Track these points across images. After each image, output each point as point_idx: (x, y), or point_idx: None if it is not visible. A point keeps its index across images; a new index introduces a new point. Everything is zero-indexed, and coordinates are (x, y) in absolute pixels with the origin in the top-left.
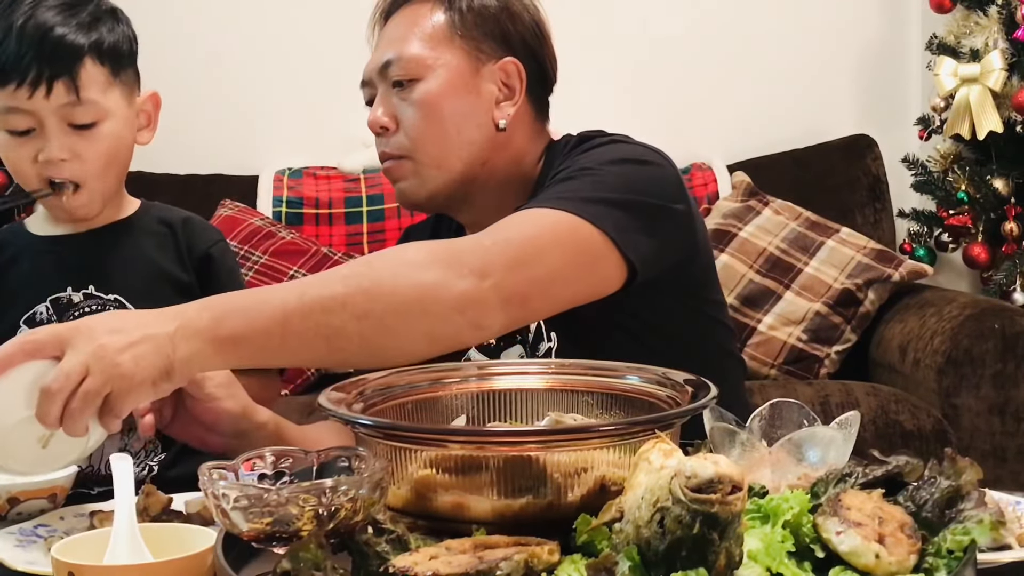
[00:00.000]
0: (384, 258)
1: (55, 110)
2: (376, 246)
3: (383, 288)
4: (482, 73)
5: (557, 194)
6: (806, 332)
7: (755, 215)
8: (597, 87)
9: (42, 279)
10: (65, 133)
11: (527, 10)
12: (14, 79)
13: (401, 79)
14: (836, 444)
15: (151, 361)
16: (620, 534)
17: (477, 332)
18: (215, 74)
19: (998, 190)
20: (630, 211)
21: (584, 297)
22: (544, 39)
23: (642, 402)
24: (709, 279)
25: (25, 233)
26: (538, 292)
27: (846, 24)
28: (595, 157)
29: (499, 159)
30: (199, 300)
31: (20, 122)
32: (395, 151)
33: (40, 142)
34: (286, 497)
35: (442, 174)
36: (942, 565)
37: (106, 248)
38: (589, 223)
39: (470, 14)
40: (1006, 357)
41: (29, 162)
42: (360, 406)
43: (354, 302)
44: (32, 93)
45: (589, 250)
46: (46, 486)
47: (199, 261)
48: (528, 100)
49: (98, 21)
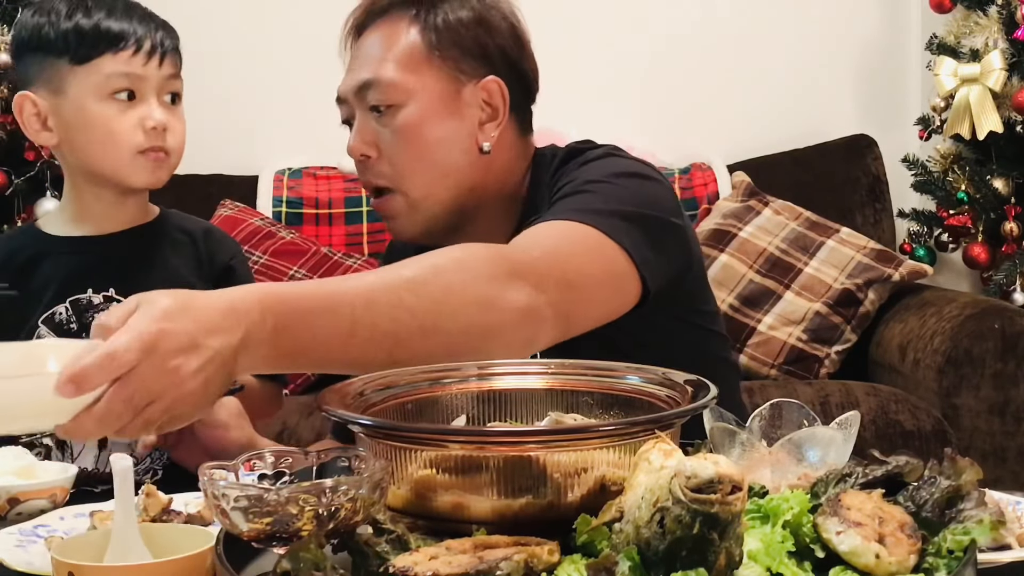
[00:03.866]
0: (447, 259)
1: (161, 80)
2: (376, 246)
3: (452, 297)
4: (463, 95)
5: (572, 207)
6: (806, 332)
7: (755, 215)
8: (598, 87)
9: (63, 280)
10: (162, 104)
11: (505, 19)
12: (132, 46)
13: (379, 104)
14: (836, 444)
15: (218, 383)
16: (620, 534)
17: (528, 348)
18: (215, 74)
19: (998, 190)
20: (641, 225)
21: (609, 316)
22: (524, 47)
23: (642, 402)
24: (702, 291)
25: (41, 234)
26: (580, 311)
27: (846, 24)
28: (598, 170)
29: (486, 181)
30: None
31: (125, 87)
32: (379, 180)
33: (143, 110)
34: (286, 497)
35: (431, 204)
36: (942, 565)
37: (127, 252)
38: (611, 239)
39: (447, 31)
40: (1006, 357)
41: (133, 128)
42: (360, 406)
43: (423, 314)
44: (148, 60)
45: (616, 268)
46: (46, 486)
47: (220, 272)
48: (511, 117)
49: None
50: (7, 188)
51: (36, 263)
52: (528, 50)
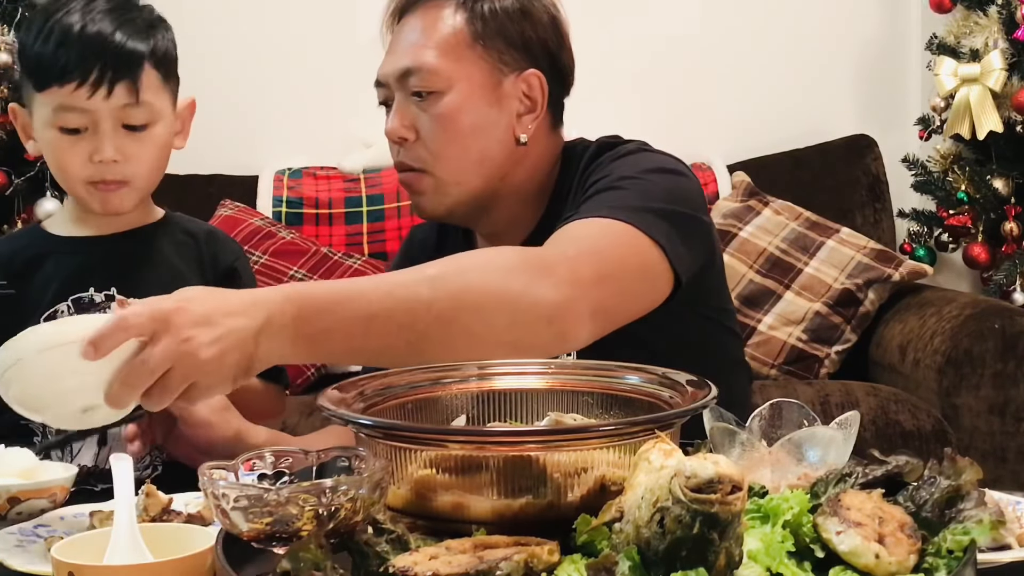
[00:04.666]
0: (474, 260)
1: (112, 111)
2: (376, 246)
3: (471, 294)
4: (504, 86)
5: (606, 203)
6: (806, 332)
7: (755, 215)
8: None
9: (65, 279)
10: (119, 134)
11: (547, 11)
12: (76, 78)
13: (421, 90)
14: (836, 444)
15: (234, 359)
16: (620, 534)
17: (563, 344)
18: (215, 74)
19: (998, 190)
20: (673, 221)
21: (645, 309)
22: (563, 40)
23: (642, 402)
24: (722, 288)
25: (45, 234)
26: (618, 305)
27: (846, 24)
28: (630, 166)
29: (518, 171)
30: (282, 289)
31: (74, 120)
32: (414, 163)
33: (93, 143)
34: (286, 497)
35: (461, 190)
36: (942, 565)
37: (130, 252)
38: (645, 234)
39: (492, 20)
40: (1006, 357)
41: (81, 162)
42: (360, 406)
43: (440, 307)
44: (93, 93)
45: (650, 262)
46: (46, 486)
47: (223, 274)
48: (547, 111)
49: (152, 28)
50: (7, 188)
51: (39, 262)
52: (567, 43)
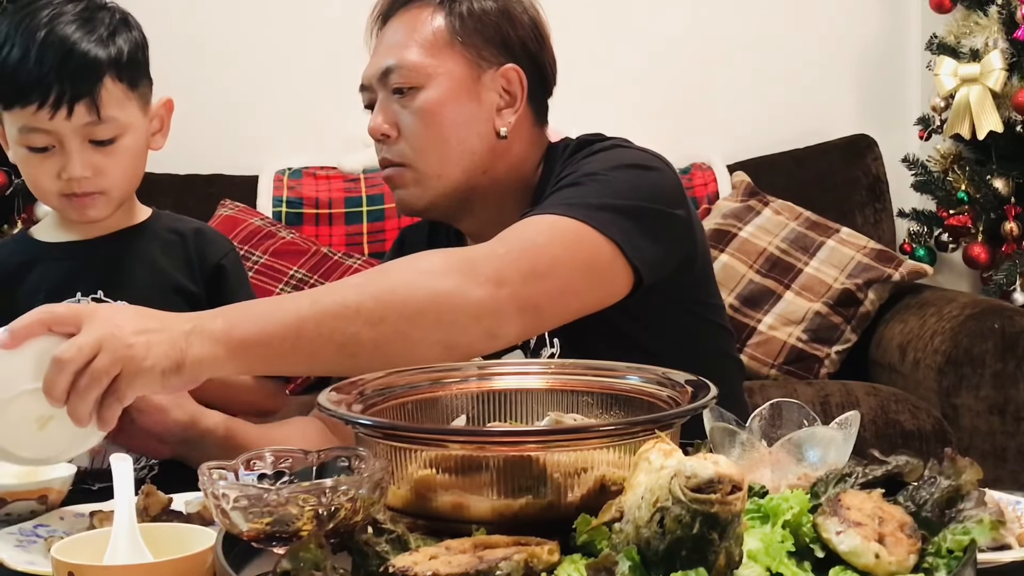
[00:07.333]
0: (398, 266)
1: (76, 129)
2: (376, 246)
3: (397, 295)
4: (483, 80)
5: (564, 200)
6: (806, 332)
7: (755, 215)
8: (598, 87)
9: (53, 285)
10: (86, 150)
11: (527, 12)
12: (35, 100)
13: (402, 87)
14: (836, 444)
15: (163, 351)
16: (620, 534)
17: (492, 341)
18: (215, 74)
19: (998, 190)
20: (636, 218)
21: (594, 306)
22: (544, 42)
23: (642, 402)
24: (708, 283)
25: (32, 241)
26: (552, 302)
27: (846, 24)
28: (599, 162)
29: (500, 167)
30: (216, 309)
31: (40, 140)
32: (396, 158)
33: (61, 159)
34: (286, 497)
35: (443, 183)
36: (942, 565)
37: (116, 254)
38: (597, 231)
39: (470, 19)
40: (1006, 357)
41: (51, 178)
42: (360, 406)
43: (367, 309)
44: (53, 114)
45: (599, 259)
46: (35, 487)
47: (211, 272)
48: (528, 106)
49: (115, 34)
50: (7, 188)
51: (27, 270)
52: (548, 45)
